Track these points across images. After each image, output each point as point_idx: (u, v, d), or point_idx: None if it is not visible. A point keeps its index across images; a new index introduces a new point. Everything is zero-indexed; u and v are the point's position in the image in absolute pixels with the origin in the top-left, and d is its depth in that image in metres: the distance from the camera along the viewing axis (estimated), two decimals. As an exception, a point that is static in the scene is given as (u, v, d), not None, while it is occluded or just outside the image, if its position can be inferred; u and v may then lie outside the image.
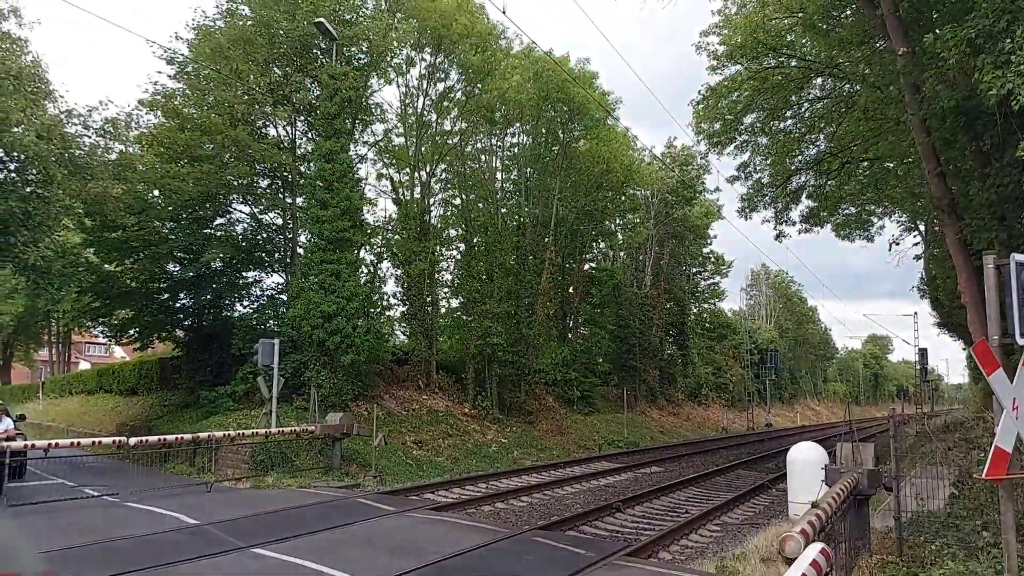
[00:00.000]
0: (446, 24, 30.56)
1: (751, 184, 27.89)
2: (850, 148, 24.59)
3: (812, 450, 12.46)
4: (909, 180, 22.85)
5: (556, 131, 39.58)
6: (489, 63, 32.01)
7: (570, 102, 37.65)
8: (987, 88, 10.15)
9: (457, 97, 33.61)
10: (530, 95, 35.30)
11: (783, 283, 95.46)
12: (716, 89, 25.74)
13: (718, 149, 27.63)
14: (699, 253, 63.20)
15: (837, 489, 8.12)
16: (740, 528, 15.06)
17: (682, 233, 54.94)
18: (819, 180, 27.15)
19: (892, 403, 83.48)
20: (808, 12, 21.01)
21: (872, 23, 16.69)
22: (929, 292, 35.30)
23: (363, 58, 28.80)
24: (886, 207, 31.13)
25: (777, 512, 16.49)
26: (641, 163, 47.02)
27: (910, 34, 14.43)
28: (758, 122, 26.64)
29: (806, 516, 6.11)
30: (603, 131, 40.87)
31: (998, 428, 7.27)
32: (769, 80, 24.74)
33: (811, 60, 23.75)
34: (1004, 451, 7.19)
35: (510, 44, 36.49)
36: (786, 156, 26.94)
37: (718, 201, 54.62)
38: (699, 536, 14.31)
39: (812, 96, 26.10)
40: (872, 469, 9.56)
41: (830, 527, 6.86)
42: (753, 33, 23.68)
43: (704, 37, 26.01)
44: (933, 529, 9.62)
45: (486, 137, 37.08)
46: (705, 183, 52.62)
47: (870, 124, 21.51)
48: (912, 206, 25.80)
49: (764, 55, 24.40)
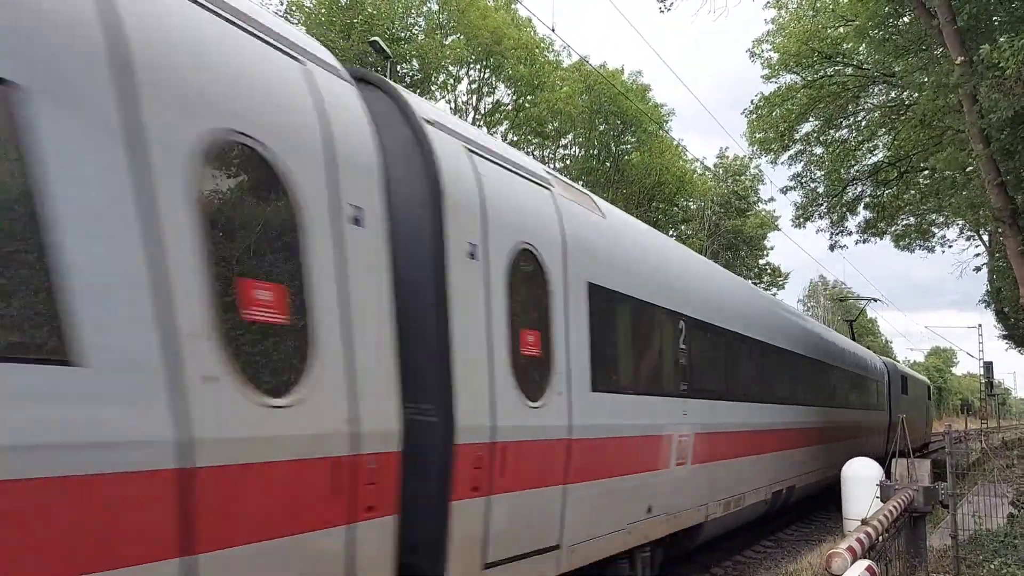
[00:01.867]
0: (496, 40, 30.94)
1: (805, 193, 27.52)
2: (909, 157, 24.09)
3: (867, 466, 12.27)
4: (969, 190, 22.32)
5: (608, 143, 39.58)
6: (538, 75, 32.24)
7: (622, 114, 37.66)
8: (1046, 98, 9.97)
9: (507, 110, 33.91)
10: (581, 107, 35.42)
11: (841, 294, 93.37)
12: (770, 98, 25.51)
13: (771, 159, 27.35)
14: (755, 265, 62.25)
15: (890, 507, 8.04)
16: (795, 544, 14.87)
17: (736, 244, 54.23)
18: (877, 190, 26.65)
19: (956, 418, 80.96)
20: (862, 19, 20.73)
21: (928, 32, 16.42)
22: (993, 303, 34.29)
23: (416, 75, 29.35)
24: (947, 217, 30.37)
25: (833, 529, 16.22)
26: (693, 174, 46.69)
27: (967, 43, 14.17)
28: (814, 131, 26.30)
29: (854, 533, 6.11)
30: (655, 143, 40.74)
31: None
32: (825, 88, 24.43)
33: (867, 68, 23.39)
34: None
35: (559, 57, 36.73)
36: (842, 165, 26.51)
37: (774, 212, 53.67)
38: (752, 551, 14.16)
39: (869, 105, 25.68)
40: (928, 486, 9.42)
41: (881, 544, 6.81)
42: (807, 41, 23.44)
43: (758, 45, 25.83)
44: (992, 548, 9.42)
45: (537, 150, 37.30)
46: (759, 193, 51.92)
47: (928, 132, 21.08)
48: (973, 216, 25.12)
49: (819, 63, 24.11)
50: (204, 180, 3.75)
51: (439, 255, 5.43)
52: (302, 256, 4.19)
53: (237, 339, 3.79)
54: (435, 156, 5.53)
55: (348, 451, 4.39)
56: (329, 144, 4.47)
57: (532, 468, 6.38)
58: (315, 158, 4.37)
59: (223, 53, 4.00)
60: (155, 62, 3.51)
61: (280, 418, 3.94)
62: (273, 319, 4.04)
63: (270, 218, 4.20)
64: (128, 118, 3.34)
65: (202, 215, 3.66)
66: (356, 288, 4.54)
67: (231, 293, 3.84)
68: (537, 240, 6.60)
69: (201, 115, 3.72)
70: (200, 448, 3.46)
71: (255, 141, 3.99)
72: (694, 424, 9.93)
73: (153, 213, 3.38)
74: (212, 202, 3.90)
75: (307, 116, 4.41)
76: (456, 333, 5.45)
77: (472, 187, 5.88)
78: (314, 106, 4.48)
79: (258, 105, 4.09)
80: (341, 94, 4.83)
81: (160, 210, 3.41)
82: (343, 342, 4.40)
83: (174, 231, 3.48)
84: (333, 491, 4.30)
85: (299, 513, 4.09)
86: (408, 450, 4.86)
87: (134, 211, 3.31)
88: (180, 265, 3.47)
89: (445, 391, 5.38)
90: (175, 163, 3.53)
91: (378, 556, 4.67)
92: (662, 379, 9.37)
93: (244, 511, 3.75)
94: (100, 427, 3.09)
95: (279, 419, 3.94)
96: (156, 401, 3.31)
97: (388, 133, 5.42)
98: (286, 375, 4.08)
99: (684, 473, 9.71)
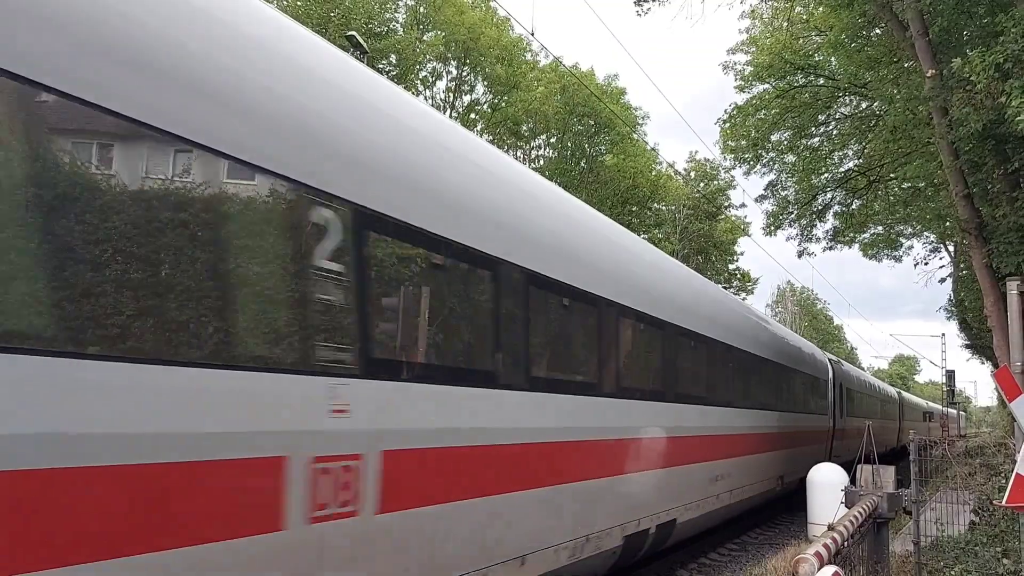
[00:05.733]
0: (474, 37, 30.90)
1: (776, 201, 27.84)
2: (878, 167, 24.47)
3: (832, 472, 12.43)
4: (937, 201, 22.69)
5: (582, 145, 39.72)
6: (515, 76, 32.28)
7: (596, 116, 37.81)
8: (1015, 114, 10.12)
9: (483, 109, 33.91)
10: (556, 108, 35.51)
11: (808, 300, 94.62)
12: (743, 108, 25.78)
13: (745, 168, 27.64)
14: (724, 269, 62.85)
15: (855, 512, 8.12)
16: (759, 547, 14.99)
17: (707, 249, 54.69)
18: (846, 199, 27.03)
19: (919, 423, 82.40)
20: (835, 31, 21.03)
21: (900, 44, 16.66)
22: (957, 314, 34.92)
23: (392, 71, 29.20)
24: (914, 227, 30.90)
25: (797, 532, 16.38)
26: (667, 178, 47.01)
27: (939, 56, 14.40)
28: (785, 140, 26.62)
29: (821, 538, 6.15)
30: (629, 146, 40.95)
31: (1019, 455, 7.26)
32: (796, 99, 24.74)
33: (839, 79, 23.72)
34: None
35: (536, 58, 36.79)
36: (812, 173, 26.86)
37: (745, 218, 54.27)
38: (717, 554, 14.26)
39: (839, 114, 26.05)
40: (892, 492, 9.54)
41: (847, 550, 6.88)
42: (780, 52, 23.73)
43: (731, 55, 26.08)
44: (953, 555, 9.57)
45: (512, 150, 37.31)
46: (730, 197, 52.42)
47: (898, 144, 21.42)
48: (940, 227, 25.58)
49: (791, 74, 24.41)
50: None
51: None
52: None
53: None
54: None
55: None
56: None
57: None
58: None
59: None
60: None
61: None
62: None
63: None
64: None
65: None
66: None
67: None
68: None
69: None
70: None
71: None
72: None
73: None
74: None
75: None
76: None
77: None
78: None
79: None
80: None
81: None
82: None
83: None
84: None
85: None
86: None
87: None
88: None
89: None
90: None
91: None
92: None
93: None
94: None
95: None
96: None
97: None
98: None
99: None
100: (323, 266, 4.65)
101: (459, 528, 5.93)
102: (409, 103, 6.71)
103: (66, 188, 3.48)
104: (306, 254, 4.57)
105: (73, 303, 3.36)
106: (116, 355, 3.47)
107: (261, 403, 4.21)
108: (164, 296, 3.74)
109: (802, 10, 23.72)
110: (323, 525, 4.48)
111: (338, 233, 4.77)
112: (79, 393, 3.27)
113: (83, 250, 3.40)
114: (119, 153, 3.83)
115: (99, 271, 3.46)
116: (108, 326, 3.49)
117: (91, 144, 3.71)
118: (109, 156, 3.80)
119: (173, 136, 3.82)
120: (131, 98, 3.62)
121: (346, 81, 5.49)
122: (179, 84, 3.90)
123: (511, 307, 6.87)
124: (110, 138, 3.74)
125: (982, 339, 29.46)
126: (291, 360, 4.46)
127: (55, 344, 3.24)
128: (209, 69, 4.12)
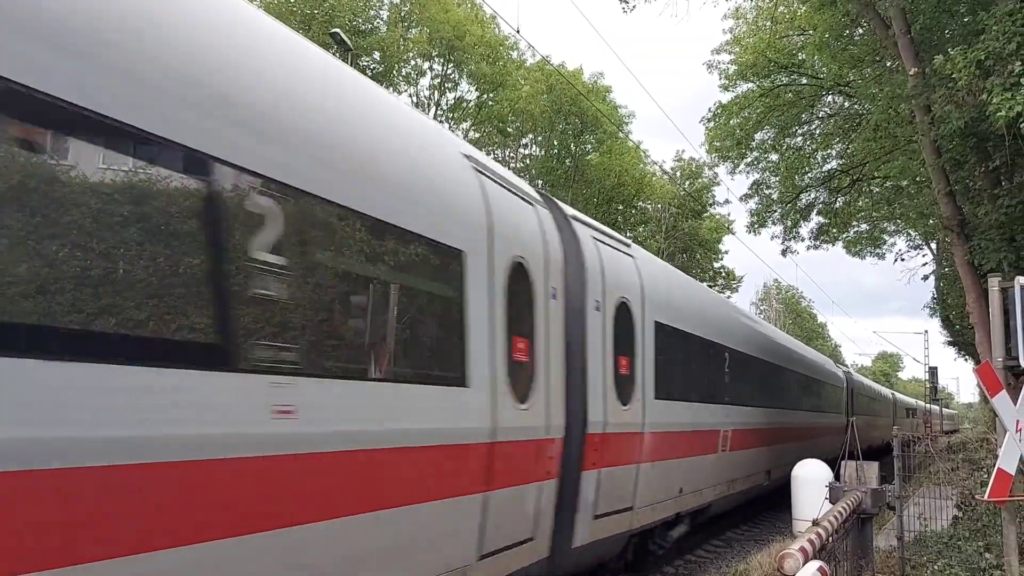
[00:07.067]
0: (459, 35, 30.82)
1: (760, 199, 27.95)
2: (861, 166, 24.61)
3: (816, 467, 12.47)
4: (920, 199, 22.87)
5: (568, 143, 39.69)
6: (501, 74, 32.21)
7: (582, 115, 37.80)
8: (996, 110, 10.19)
9: (469, 108, 33.83)
10: (542, 107, 35.48)
11: (793, 299, 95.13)
12: (727, 107, 25.85)
13: (730, 167, 27.73)
14: (709, 267, 63.05)
15: (839, 507, 8.15)
16: (744, 544, 15.03)
17: (692, 247, 54.83)
18: (830, 197, 27.19)
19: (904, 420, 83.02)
20: (819, 31, 21.12)
21: (883, 43, 16.76)
22: (939, 311, 35.20)
23: (377, 68, 29.09)
24: (898, 225, 31.13)
25: (782, 529, 16.44)
26: (653, 177, 47.08)
27: (921, 55, 14.49)
28: (769, 139, 26.73)
29: (806, 534, 6.16)
30: (615, 144, 40.97)
31: (1001, 450, 7.31)
32: (780, 98, 24.83)
33: (822, 78, 23.84)
34: (1007, 473, 7.23)
35: (523, 56, 36.74)
36: (796, 172, 26.99)
37: (729, 216, 54.50)
38: (703, 551, 14.28)
39: (823, 113, 26.17)
40: (876, 488, 9.57)
41: (831, 545, 6.90)
42: (764, 52, 23.81)
43: (715, 55, 26.15)
44: (936, 550, 9.62)
45: (499, 148, 37.25)
46: (715, 195, 52.56)
47: (881, 143, 21.55)
48: (923, 225, 25.79)
49: (775, 73, 24.51)
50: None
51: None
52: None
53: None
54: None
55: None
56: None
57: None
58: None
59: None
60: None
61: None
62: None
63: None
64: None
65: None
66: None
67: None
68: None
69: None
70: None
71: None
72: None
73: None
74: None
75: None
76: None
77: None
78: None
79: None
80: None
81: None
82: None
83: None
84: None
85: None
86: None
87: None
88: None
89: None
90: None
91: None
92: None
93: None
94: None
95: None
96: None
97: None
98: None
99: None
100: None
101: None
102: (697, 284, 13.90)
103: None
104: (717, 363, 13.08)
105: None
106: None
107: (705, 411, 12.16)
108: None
109: (785, 9, 23.80)
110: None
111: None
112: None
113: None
114: (687, 341, 10.68)
115: None
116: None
117: (679, 340, 10.71)
118: (686, 345, 10.94)
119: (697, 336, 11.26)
120: (690, 324, 10.89)
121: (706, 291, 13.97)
122: (693, 315, 10.34)
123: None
124: (685, 336, 11.22)
125: (964, 336, 29.72)
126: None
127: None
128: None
